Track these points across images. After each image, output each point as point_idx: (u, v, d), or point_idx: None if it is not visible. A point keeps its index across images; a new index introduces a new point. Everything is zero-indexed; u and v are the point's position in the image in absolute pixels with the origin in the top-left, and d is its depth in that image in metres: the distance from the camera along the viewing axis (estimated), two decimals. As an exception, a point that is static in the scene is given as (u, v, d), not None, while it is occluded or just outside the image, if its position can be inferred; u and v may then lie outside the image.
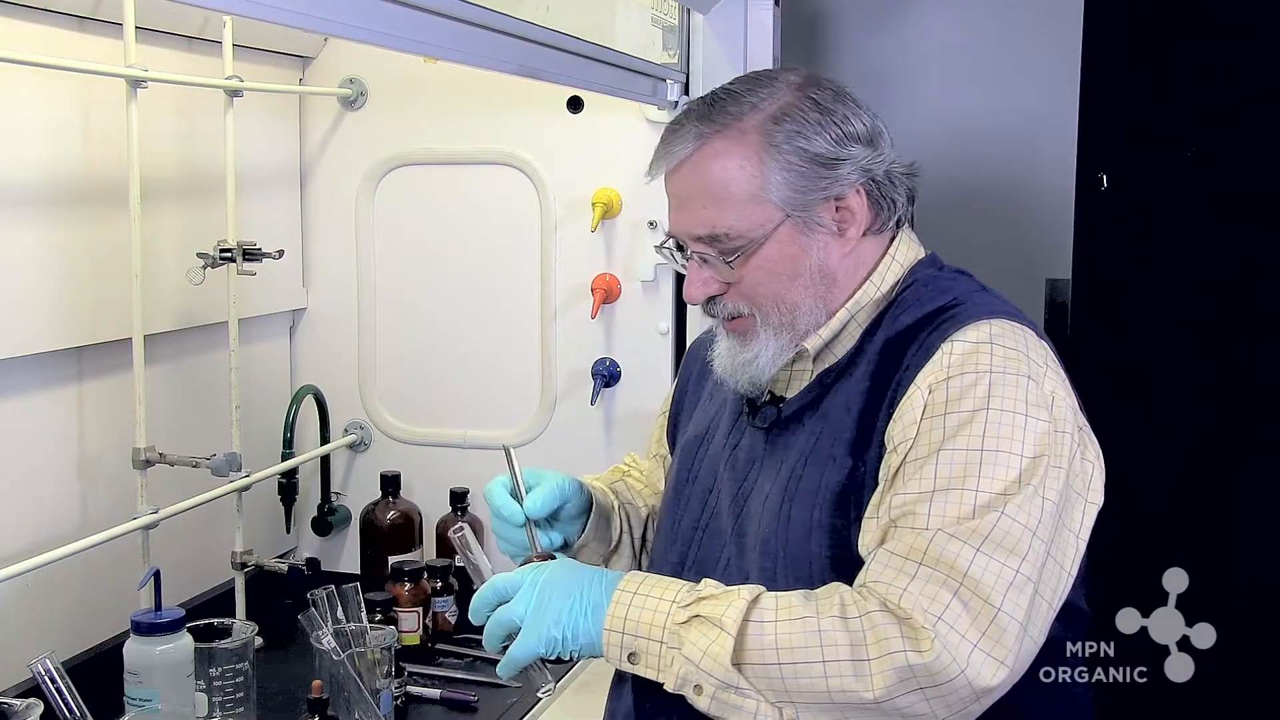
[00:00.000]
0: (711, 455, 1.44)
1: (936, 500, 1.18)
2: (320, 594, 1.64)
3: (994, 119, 2.67)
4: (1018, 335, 1.27)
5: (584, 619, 1.23)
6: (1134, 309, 2.20)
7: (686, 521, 1.42)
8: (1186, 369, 2.16)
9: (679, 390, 1.60)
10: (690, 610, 1.20)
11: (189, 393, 2.09)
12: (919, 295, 1.34)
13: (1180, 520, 2.09)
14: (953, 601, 1.14)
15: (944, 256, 1.42)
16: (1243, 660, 1.79)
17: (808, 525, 1.28)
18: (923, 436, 1.22)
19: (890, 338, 1.31)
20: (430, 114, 2.33)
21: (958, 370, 1.23)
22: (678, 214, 1.35)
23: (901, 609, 1.14)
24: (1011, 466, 1.19)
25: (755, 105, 1.31)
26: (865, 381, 1.30)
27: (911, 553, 1.17)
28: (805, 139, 1.30)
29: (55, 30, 1.77)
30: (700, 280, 1.35)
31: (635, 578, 1.25)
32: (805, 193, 1.30)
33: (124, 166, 1.78)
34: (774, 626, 1.17)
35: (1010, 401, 1.21)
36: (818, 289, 1.33)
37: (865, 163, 1.32)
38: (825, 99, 1.33)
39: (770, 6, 2.21)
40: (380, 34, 1.36)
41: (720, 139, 1.31)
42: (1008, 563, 1.16)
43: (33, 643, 1.67)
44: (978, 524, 1.17)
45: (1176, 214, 2.17)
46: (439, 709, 1.84)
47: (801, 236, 1.31)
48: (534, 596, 1.24)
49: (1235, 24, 2.11)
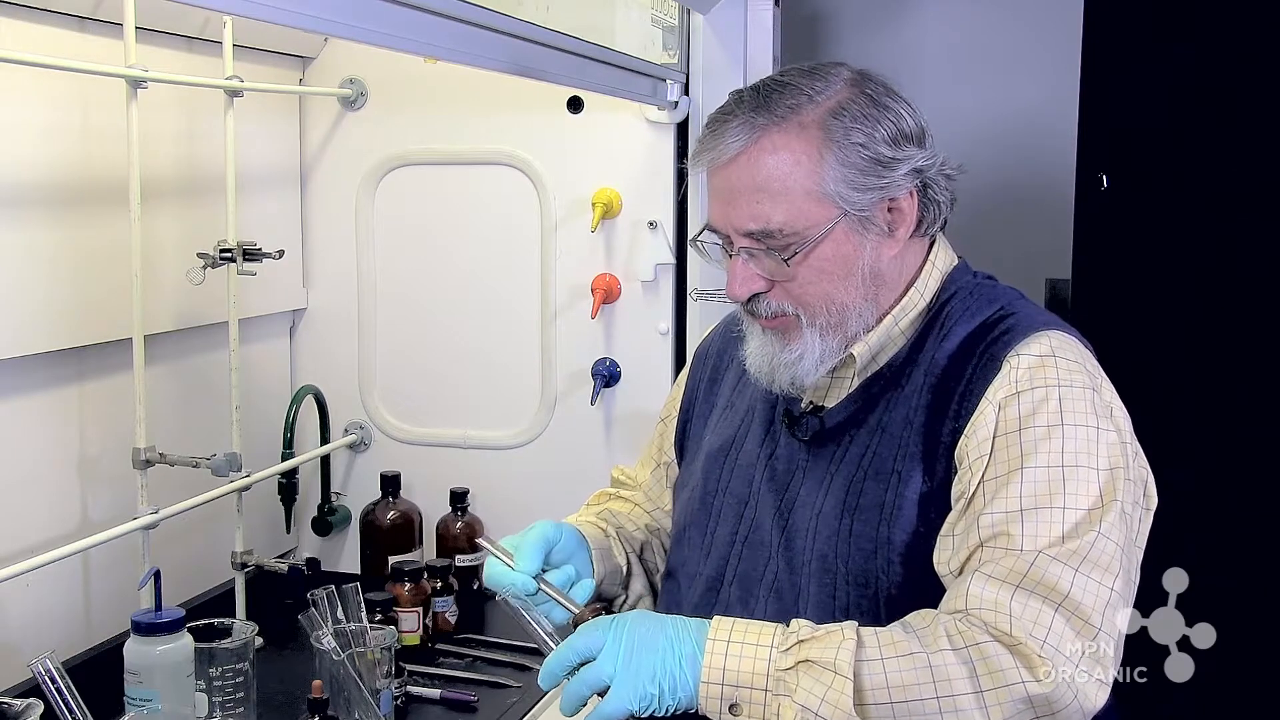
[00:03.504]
0: (743, 465, 1.40)
1: (1028, 520, 1.17)
2: (320, 594, 1.63)
3: (994, 119, 2.68)
4: (1075, 347, 1.28)
5: (680, 672, 1.16)
6: (1134, 309, 2.20)
7: (722, 534, 1.39)
8: (1186, 368, 2.16)
9: (688, 395, 1.56)
10: (794, 655, 1.15)
11: (189, 393, 2.09)
12: (965, 305, 1.33)
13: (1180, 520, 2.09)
14: (1055, 622, 1.13)
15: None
16: (1243, 660, 1.79)
17: (873, 541, 1.26)
18: (999, 454, 1.21)
19: (947, 351, 1.29)
20: (430, 114, 2.33)
21: (1026, 385, 1.23)
22: (726, 208, 1.30)
23: (1012, 636, 1.12)
24: (1092, 481, 1.19)
25: (813, 98, 1.28)
26: (925, 395, 1.28)
27: (1011, 575, 1.15)
28: (865, 135, 1.27)
29: (55, 30, 1.77)
30: (745, 276, 1.31)
31: (724, 624, 1.19)
32: (863, 191, 1.27)
33: (124, 166, 1.78)
34: (882, 665, 1.13)
35: (1082, 415, 1.22)
36: (868, 290, 1.31)
37: (919, 162, 1.30)
38: (879, 94, 1.30)
39: (770, 6, 2.21)
40: (380, 34, 1.36)
41: (778, 132, 1.27)
42: (1104, 581, 1.16)
43: (33, 643, 1.68)
44: (1076, 545, 1.16)
45: (1176, 214, 2.17)
46: (439, 709, 1.84)
47: (856, 236, 1.29)
48: (621, 653, 1.17)
49: (1235, 24, 2.11)
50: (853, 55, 2.77)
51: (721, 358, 1.53)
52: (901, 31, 2.79)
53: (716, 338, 1.57)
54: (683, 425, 1.55)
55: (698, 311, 2.24)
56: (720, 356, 1.53)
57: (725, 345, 1.52)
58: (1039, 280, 2.55)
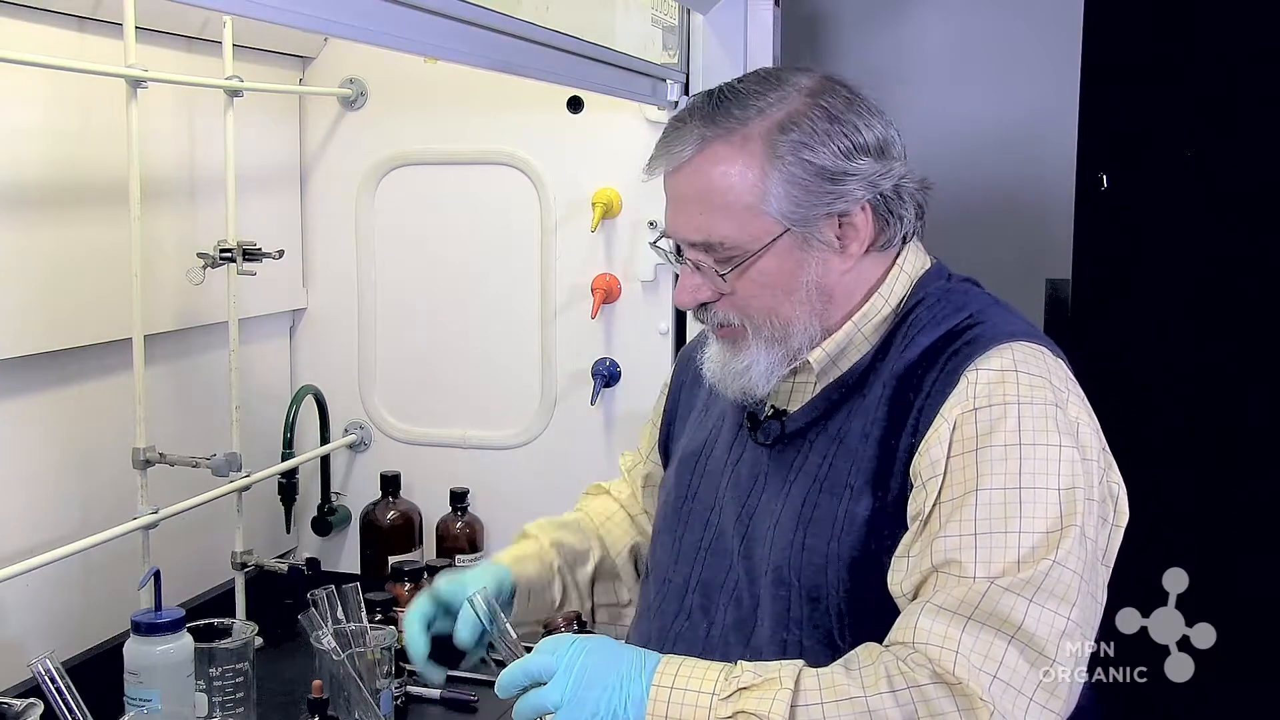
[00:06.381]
0: (711, 470, 1.40)
1: (981, 545, 1.15)
2: (320, 594, 1.63)
3: (994, 119, 2.68)
4: (1040, 359, 1.24)
5: (623, 713, 1.15)
6: (1134, 309, 2.20)
7: (689, 540, 1.39)
8: (1186, 368, 2.16)
9: (670, 399, 1.56)
10: (732, 704, 1.14)
11: (189, 393, 2.08)
12: (933, 313, 1.29)
13: (1180, 520, 2.09)
14: (1007, 656, 1.11)
15: (944, 258, 1.40)
16: (1243, 660, 1.79)
17: (824, 556, 1.24)
18: (955, 474, 1.18)
19: (908, 360, 1.27)
20: (430, 114, 2.33)
21: (984, 401, 1.20)
22: (675, 216, 1.30)
23: (955, 676, 1.10)
24: (1051, 503, 1.16)
25: (762, 110, 1.26)
26: (883, 407, 1.26)
27: (961, 606, 1.13)
28: (811, 150, 1.24)
29: (55, 30, 1.77)
30: (691, 286, 1.30)
31: (670, 666, 1.18)
32: (807, 207, 1.25)
33: (124, 166, 1.77)
34: (821, 710, 1.12)
35: (1041, 434, 1.18)
36: (813, 305, 1.28)
37: (873, 177, 1.26)
38: (836, 107, 1.27)
39: (770, 6, 2.21)
40: (380, 34, 1.36)
41: (723, 144, 1.26)
42: (1059, 610, 1.13)
43: (33, 643, 1.68)
44: (1030, 573, 1.13)
45: (1176, 214, 2.17)
46: (439, 709, 1.84)
47: (799, 251, 1.27)
48: (569, 685, 1.16)
49: (1234, 24, 2.11)
50: (852, 55, 2.79)
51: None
52: (901, 32, 2.79)
53: (699, 339, 1.56)
54: (666, 429, 1.55)
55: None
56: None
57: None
58: (1039, 280, 2.55)
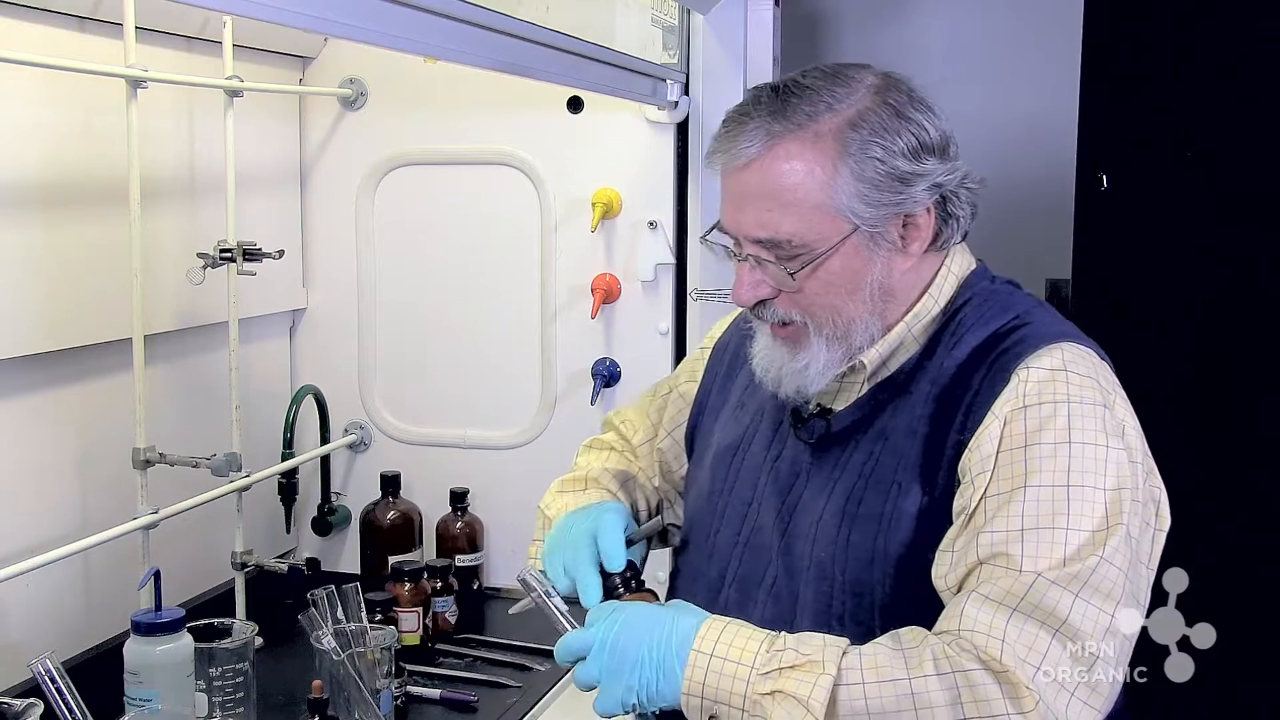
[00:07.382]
0: (749, 465, 1.39)
1: (1028, 540, 1.15)
2: (320, 594, 1.63)
3: (994, 119, 2.67)
4: (1088, 360, 1.25)
5: (658, 681, 1.18)
6: (1134, 309, 2.20)
7: (725, 535, 1.38)
8: (1186, 368, 2.16)
9: (704, 389, 1.54)
10: (771, 681, 1.14)
11: (189, 393, 2.08)
12: (980, 313, 1.30)
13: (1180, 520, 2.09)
14: (1051, 649, 1.11)
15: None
16: (1243, 660, 1.79)
17: (870, 552, 1.24)
18: (1003, 470, 1.18)
19: (956, 359, 1.27)
20: (430, 114, 2.33)
21: (1034, 400, 1.20)
22: (737, 213, 1.28)
23: (1001, 663, 1.10)
24: (1097, 502, 1.16)
25: (831, 106, 1.24)
26: (930, 405, 1.26)
27: (1008, 597, 1.13)
28: (882, 148, 1.23)
29: (55, 30, 1.77)
30: (752, 283, 1.29)
31: (712, 631, 1.19)
32: (877, 206, 1.24)
33: (124, 166, 1.77)
34: (863, 690, 1.12)
35: (1090, 433, 1.18)
36: (875, 304, 1.28)
37: (939, 177, 1.26)
38: (902, 104, 1.26)
39: (770, 6, 2.21)
40: (380, 34, 1.36)
41: (794, 140, 1.23)
42: (1104, 607, 1.13)
43: (33, 643, 1.68)
44: (1078, 569, 1.13)
45: (1176, 214, 2.17)
46: (439, 709, 1.84)
47: (867, 251, 1.26)
48: (605, 658, 1.20)
49: (1234, 24, 2.11)
50: (852, 56, 2.76)
51: (738, 354, 1.50)
52: (901, 32, 2.79)
53: (734, 332, 1.53)
54: (695, 419, 1.53)
55: (698, 311, 2.24)
56: (736, 353, 1.50)
57: (741, 341, 1.49)
58: (1039, 280, 2.55)
